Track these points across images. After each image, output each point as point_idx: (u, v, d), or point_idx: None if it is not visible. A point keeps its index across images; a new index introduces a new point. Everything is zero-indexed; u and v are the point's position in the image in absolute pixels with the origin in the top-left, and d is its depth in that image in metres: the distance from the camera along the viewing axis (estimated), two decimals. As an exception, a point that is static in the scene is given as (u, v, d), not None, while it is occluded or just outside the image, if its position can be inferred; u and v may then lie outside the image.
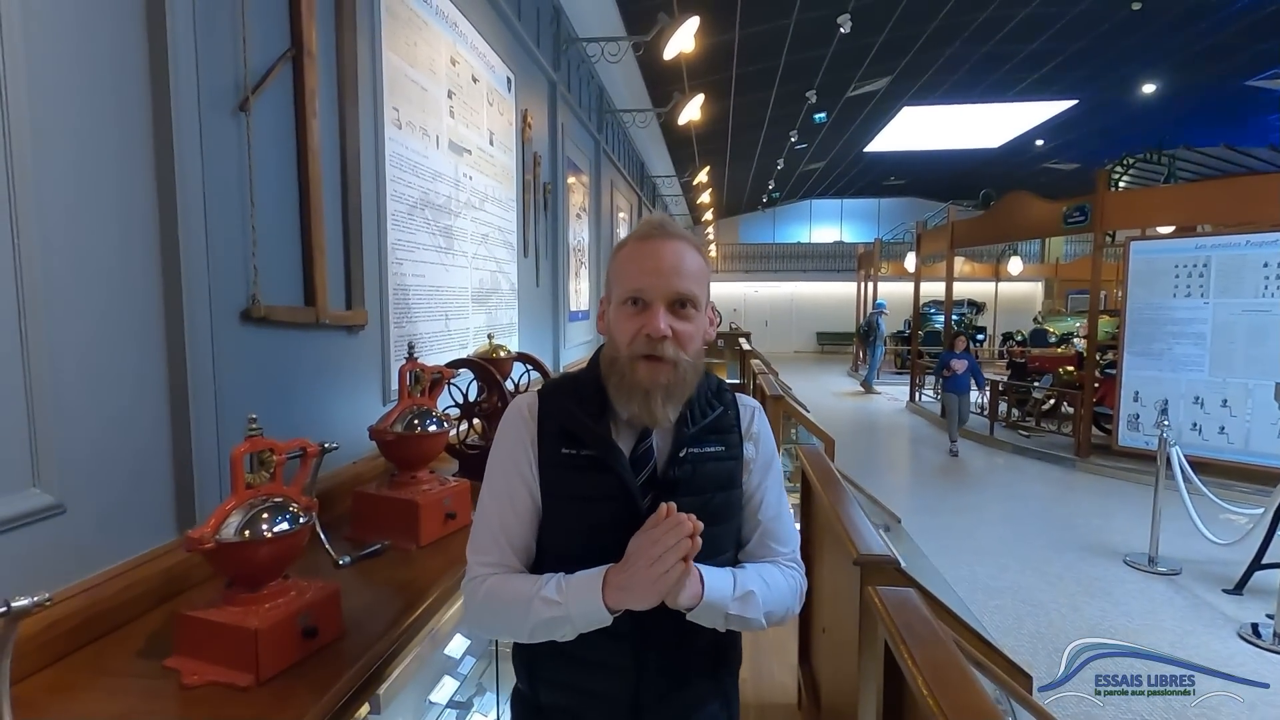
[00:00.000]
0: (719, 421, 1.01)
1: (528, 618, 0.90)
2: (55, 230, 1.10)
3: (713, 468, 0.99)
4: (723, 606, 0.91)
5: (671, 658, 0.99)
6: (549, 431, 0.98)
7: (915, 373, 11.81)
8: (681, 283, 0.94)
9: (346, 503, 1.70)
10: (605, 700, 0.99)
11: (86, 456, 1.16)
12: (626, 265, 0.96)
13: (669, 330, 0.93)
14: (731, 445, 1.02)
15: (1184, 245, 6.66)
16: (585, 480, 0.95)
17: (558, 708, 1.03)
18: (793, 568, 1.05)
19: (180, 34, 1.31)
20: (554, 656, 0.97)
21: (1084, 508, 5.91)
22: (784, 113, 11.34)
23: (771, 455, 1.07)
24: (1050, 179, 18.33)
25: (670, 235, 0.97)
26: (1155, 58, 10.62)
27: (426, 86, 2.53)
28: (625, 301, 0.95)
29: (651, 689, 0.98)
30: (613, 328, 0.98)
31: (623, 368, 0.95)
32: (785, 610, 1.01)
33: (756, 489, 1.04)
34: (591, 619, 0.88)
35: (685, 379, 0.95)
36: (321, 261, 1.82)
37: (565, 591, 0.89)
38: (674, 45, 4.70)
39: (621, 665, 0.97)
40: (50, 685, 1.00)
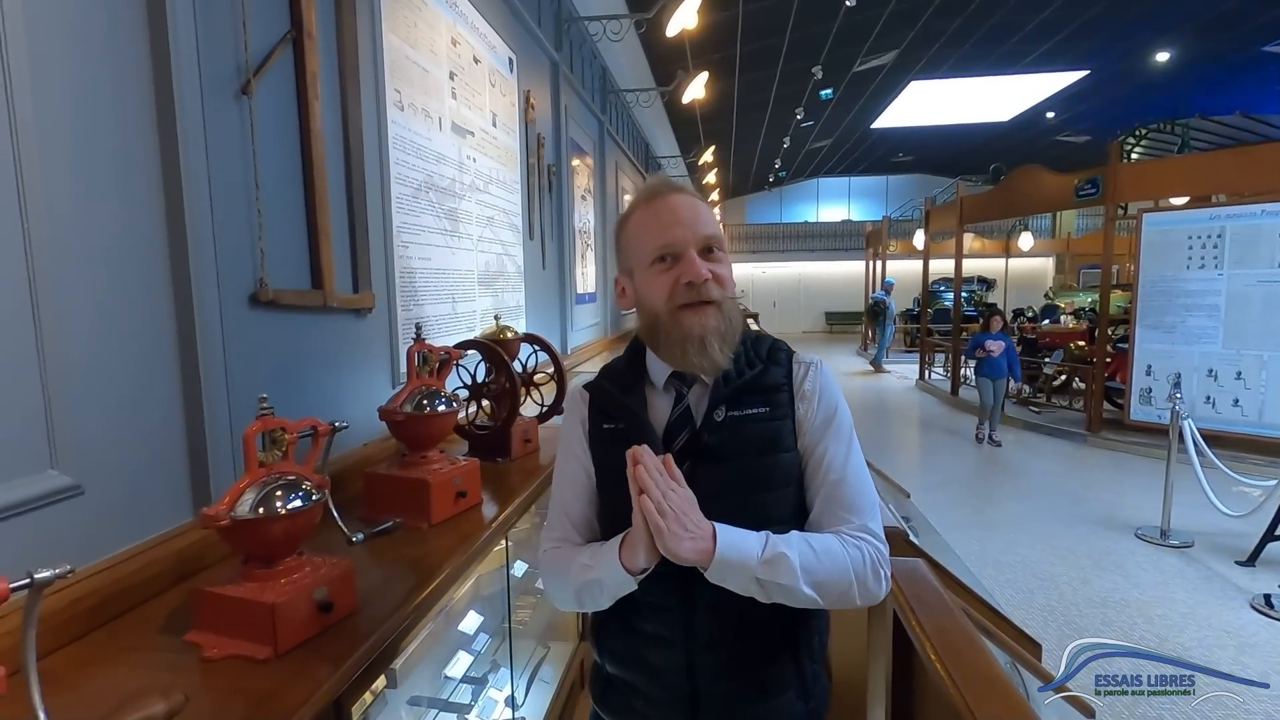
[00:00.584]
0: (761, 379, 0.96)
1: (570, 583, 0.94)
2: (63, 218, 1.11)
3: (754, 429, 0.94)
4: (747, 568, 0.83)
5: (728, 632, 0.94)
6: (596, 409, 1.02)
7: (924, 351, 11.75)
8: (704, 228, 0.94)
9: (358, 484, 1.72)
10: (662, 674, 0.97)
11: (102, 439, 1.17)
12: (645, 228, 0.96)
13: (708, 273, 0.92)
14: (779, 405, 0.95)
15: (1198, 216, 6.56)
16: (622, 451, 0.92)
17: (623, 679, 1.04)
18: (862, 537, 0.91)
19: (180, 17, 1.31)
20: (615, 628, 1.00)
21: (1095, 482, 5.89)
22: (790, 90, 11.20)
23: (833, 412, 0.97)
24: (1062, 151, 18.06)
25: (676, 189, 0.97)
26: (1168, 25, 10.39)
27: (427, 68, 2.52)
28: (654, 261, 0.94)
29: (708, 666, 0.95)
30: (644, 291, 0.96)
31: (667, 325, 0.93)
32: (847, 584, 0.87)
33: (815, 449, 0.95)
34: (617, 580, 0.89)
35: (732, 319, 0.94)
36: (327, 245, 1.83)
37: (595, 556, 0.92)
38: (676, 22, 4.65)
39: (673, 638, 0.95)
40: (75, 659, 1.03)
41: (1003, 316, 7.60)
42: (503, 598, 2.06)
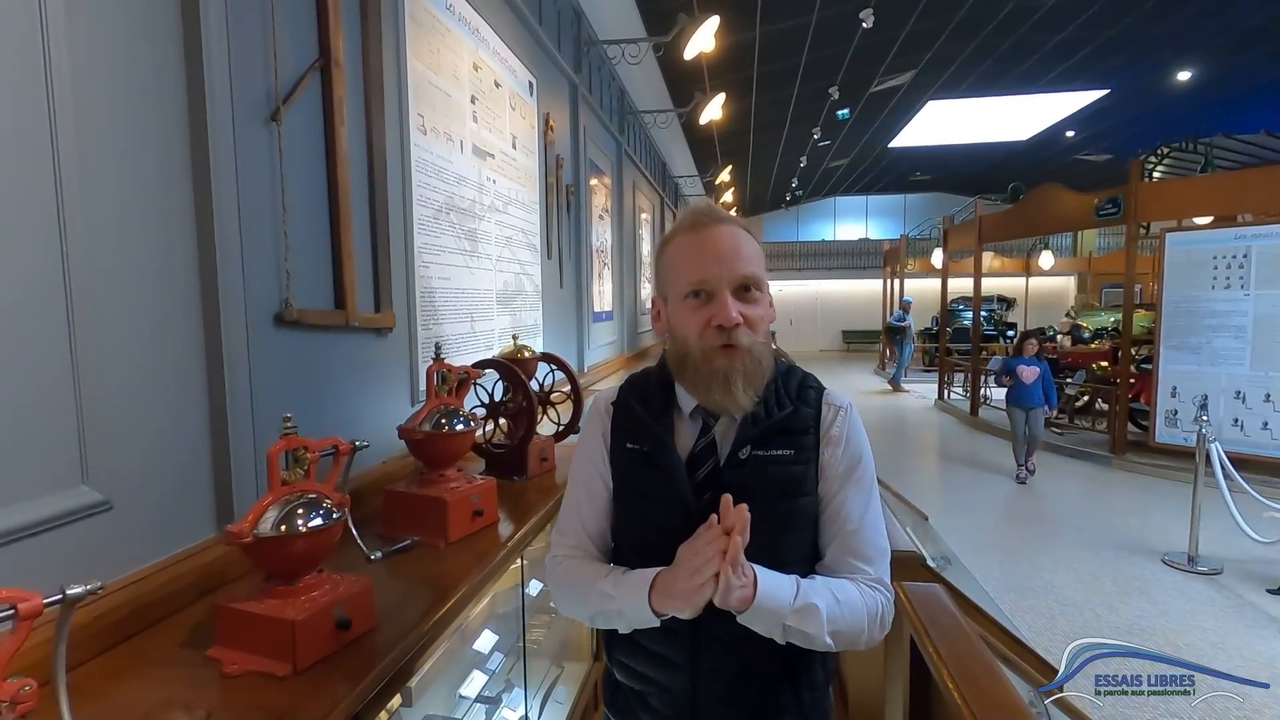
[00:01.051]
0: (790, 421, 0.95)
1: (588, 604, 0.95)
2: (100, 240, 1.15)
3: (778, 471, 0.93)
4: (779, 615, 0.85)
5: (733, 661, 0.95)
6: (620, 426, 1.01)
7: (943, 370, 11.63)
8: (743, 266, 0.92)
9: (377, 501, 1.74)
10: (667, 692, 1.00)
11: (132, 456, 1.21)
12: (681, 259, 0.94)
13: (740, 317, 0.90)
14: (804, 448, 0.95)
15: (1223, 236, 6.47)
16: (644, 476, 0.95)
17: (631, 690, 1.06)
18: (876, 589, 0.93)
19: (214, 49, 1.36)
20: (626, 641, 1.01)
21: (1120, 506, 5.77)
22: (806, 110, 11.26)
23: (857, 461, 0.97)
24: (1082, 170, 17.92)
25: (720, 220, 0.95)
26: (1190, 44, 10.33)
27: (450, 92, 2.58)
28: (688, 295, 0.93)
29: (709, 690, 0.96)
30: (677, 324, 0.95)
31: (696, 362, 0.92)
32: (859, 632, 0.90)
33: (835, 496, 0.95)
34: (641, 617, 0.90)
35: (762, 362, 0.94)
36: (351, 265, 1.87)
37: (620, 587, 0.91)
38: (694, 45, 4.71)
39: (679, 662, 0.97)
40: (101, 672, 1.05)
41: (1039, 339, 6.49)
42: (517, 617, 2.06)
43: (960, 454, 7.99)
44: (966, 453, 8.00)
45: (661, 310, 1.00)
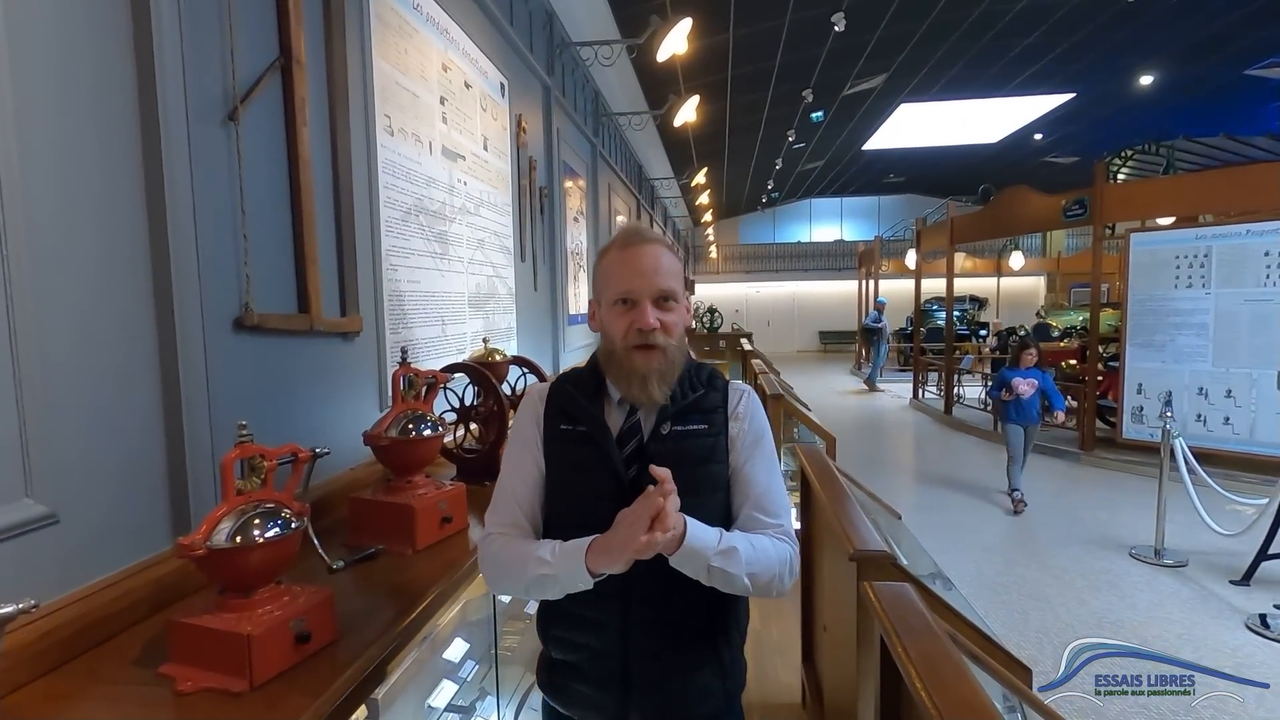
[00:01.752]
0: (702, 401, 1.11)
1: (524, 575, 1.02)
2: (44, 242, 1.10)
3: (693, 444, 1.08)
4: (704, 556, 0.97)
5: (659, 619, 1.07)
6: (553, 411, 1.13)
7: (918, 370, 11.78)
8: (662, 281, 1.08)
9: (343, 509, 1.70)
10: (600, 656, 1.09)
11: (79, 466, 1.16)
12: (613, 271, 1.10)
13: (657, 323, 1.06)
14: (715, 424, 1.10)
15: (1184, 236, 6.64)
16: (580, 452, 1.08)
17: (565, 663, 1.14)
18: (783, 540, 1.07)
19: (167, 45, 1.32)
20: (561, 615, 1.10)
21: (1089, 501, 5.88)
22: (781, 112, 11.34)
23: (760, 435, 1.13)
24: (1050, 173, 18.29)
25: (648, 240, 1.10)
26: (1152, 49, 10.59)
27: (418, 93, 2.54)
28: (616, 302, 1.08)
29: (640, 648, 1.07)
30: (606, 325, 1.11)
31: (620, 358, 1.08)
32: (772, 576, 1.03)
33: (744, 465, 1.10)
34: (575, 579, 0.98)
35: (674, 362, 1.09)
36: (314, 269, 1.83)
37: (556, 555, 1.00)
38: (667, 47, 4.72)
39: (611, 623, 1.07)
40: (44, 694, 1.00)
41: (1038, 348, 5.85)
42: (489, 624, 2.03)
43: (934, 452, 8.09)
44: (940, 451, 8.10)
45: (596, 311, 1.15)
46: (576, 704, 1.14)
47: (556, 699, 1.17)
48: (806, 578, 2.58)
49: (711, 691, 1.11)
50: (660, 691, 1.08)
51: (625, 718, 1.09)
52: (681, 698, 1.09)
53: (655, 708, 1.09)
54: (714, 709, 1.13)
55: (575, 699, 1.14)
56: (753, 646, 3.11)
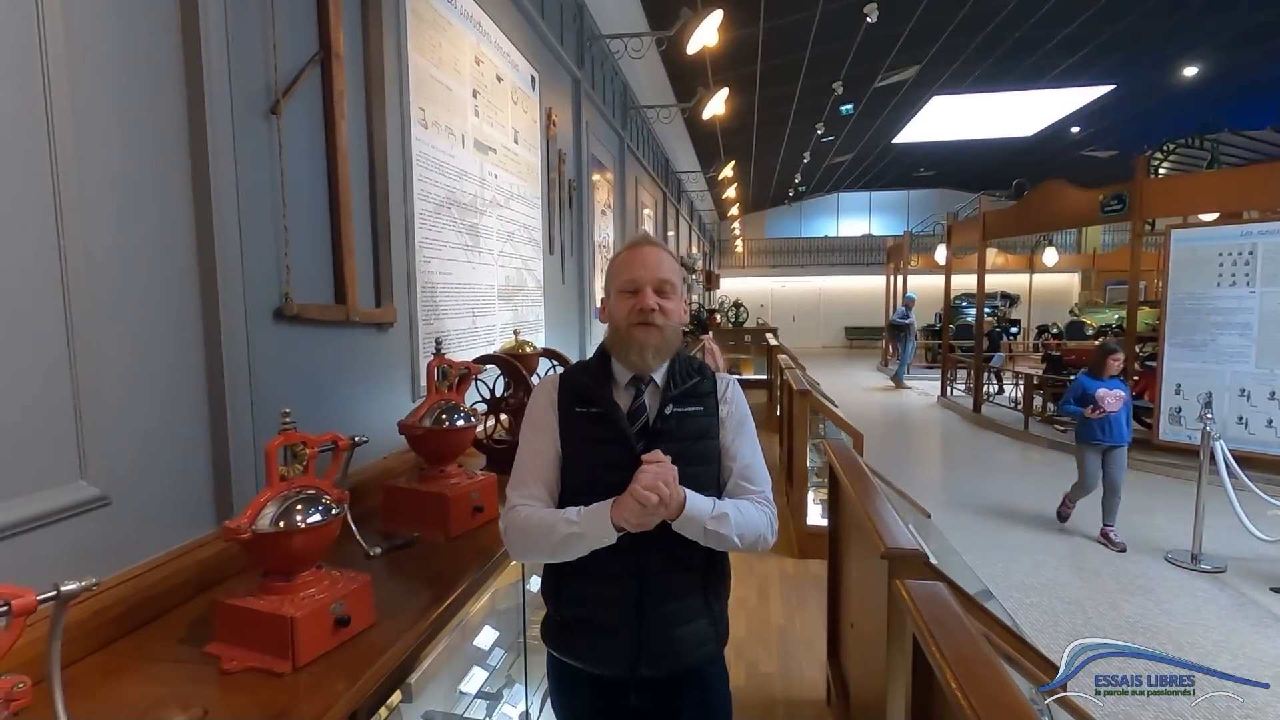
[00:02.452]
0: (696, 388, 1.31)
1: (552, 537, 1.16)
2: (98, 236, 1.14)
3: (692, 422, 1.27)
4: (701, 520, 1.16)
5: (667, 569, 1.24)
6: (566, 397, 1.29)
7: (946, 367, 11.61)
8: (662, 273, 1.28)
9: (377, 496, 1.73)
10: (616, 605, 1.24)
11: (130, 451, 1.20)
12: (621, 267, 1.30)
13: (656, 305, 1.25)
14: (709, 407, 1.31)
15: (1229, 232, 6.43)
16: (595, 429, 1.25)
17: (578, 619, 1.27)
18: (764, 504, 1.28)
19: (213, 41, 1.35)
20: (576, 575, 1.24)
21: (1123, 504, 5.74)
22: (810, 105, 11.20)
23: (744, 417, 1.34)
24: (1087, 166, 17.82)
25: (652, 244, 1.32)
26: (1196, 39, 10.25)
27: (451, 86, 2.56)
28: (623, 291, 1.28)
29: (651, 593, 1.23)
30: (614, 311, 1.30)
31: (624, 334, 1.26)
32: (757, 536, 1.24)
33: (731, 441, 1.31)
34: (601, 535, 1.15)
35: (669, 340, 1.27)
36: (351, 260, 1.86)
37: (582, 516, 1.16)
38: (697, 40, 4.68)
39: (627, 573, 1.22)
40: (98, 669, 1.04)
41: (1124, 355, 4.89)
42: (518, 612, 2.05)
43: (963, 451, 7.97)
44: (969, 450, 7.98)
45: (605, 304, 1.34)
46: (590, 656, 1.28)
47: (568, 653, 1.30)
48: (833, 574, 2.57)
49: (707, 638, 1.29)
50: (668, 636, 1.24)
51: (637, 662, 1.23)
52: (684, 642, 1.25)
53: (662, 652, 1.24)
54: (708, 654, 1.30)
55: (589, 651, 1.27)
56: (778, 641, 3.12)
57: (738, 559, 1.36)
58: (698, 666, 1.29)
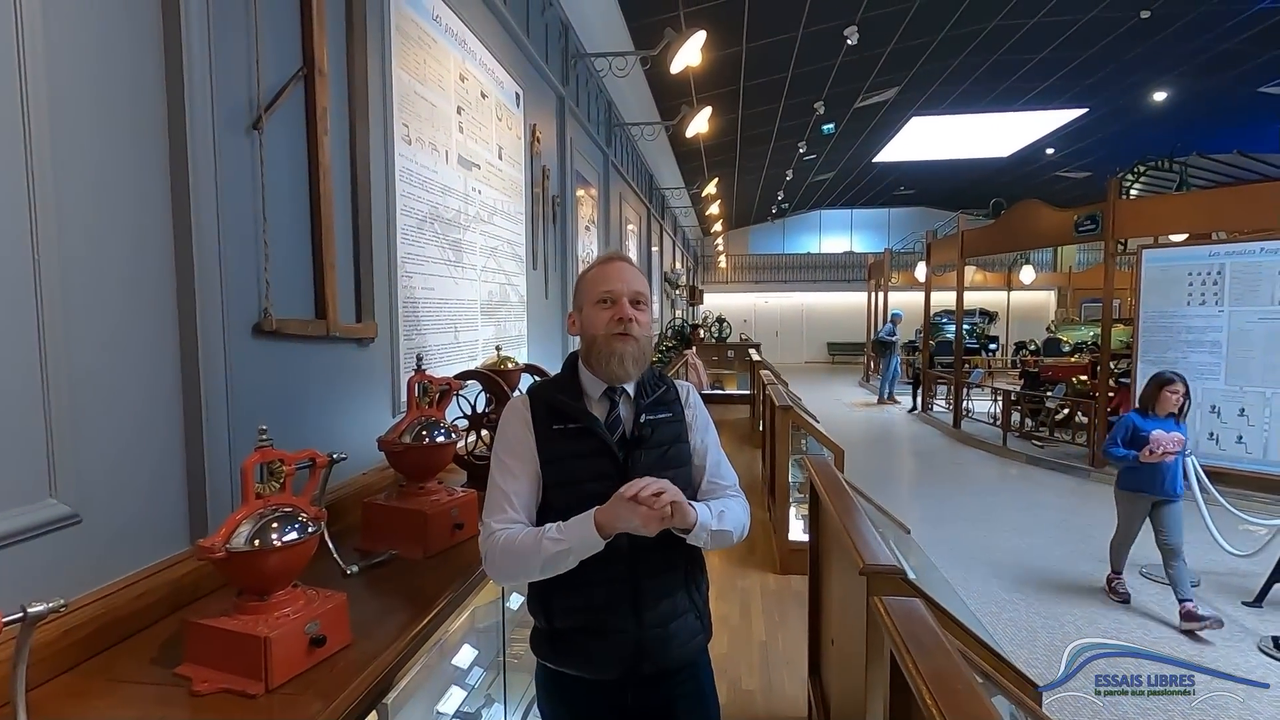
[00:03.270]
0: (663, 396, 1.37)
1: (538, 555, 1.17)
2: (73, 248, 1.13)
3: (666, 428, 1.34)
4: (707, 526, 1.24)
5: (656, 569, 1.29)
6: (540, 415, 1.30)
7: (926, 383, 11.74)
8: (636, 285, 1.33)
9: (356, 513, 1.72)
10: (614, 610, 1.26)
11: (102, 468, 1.18)
12: (596, 279, 1.33)
13: (632, 315, 1.29)
14: (676, 413, 1.37)
15: (1198, 253, 6.60)
16: (577, 444, 1.27)
17: (572, 629, 1.28)
18: (738, 495, 1.38)
19: (196, 56, 1.35)
20: (567, 585, 1.24)
21: (1099, 518, 5.81)
22: (792, 124, 11.37)
23: (706, 419, 1.43)
24: (1061, 187, 18.23)
25: (623, 259, 1.38)
26: (1165, 65, 10.57)
27: (436, 103, 2.58)
28: (598, 302, 1.31)
29: (646, 594, 1.27)
30: (587, 323, 1.32)
31: (601, 344, 1.29)
32: (741, 527, 1.34)
33: (700, 444, 1.39)
34: (588, 545, 1.16)
35: (644, 350, 1.31)
36: (332, 275, 1.85)
37: (565, 530, 1.18)
38: (681, 59, 4.75)
39: (621, 577, 1.26)
40: (65, 691, 1.02)
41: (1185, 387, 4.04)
42: (498, 630, 2.04)
43: (942, 466, 8.04)
44: (949, 465, 8.05)
45: (577, 318, 1.36)
46: (589, 663, 1.29)
47: (565, 662, 1.31)
48: (814, 590, 2.57)
49: (697, 630, 1.35)
50: (664, 633, 1.28)
51: (638, 661, 1.27)
52: (679, 636, 1.30)
53: (661, 649, 1.28)
54: (698, 647, 1.37)
55: (587, 658, 1.28)
56: (759, 658, 3.11)
57: (720, 575, 1.37)
58: (691, 659, 1.36)
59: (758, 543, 4.51)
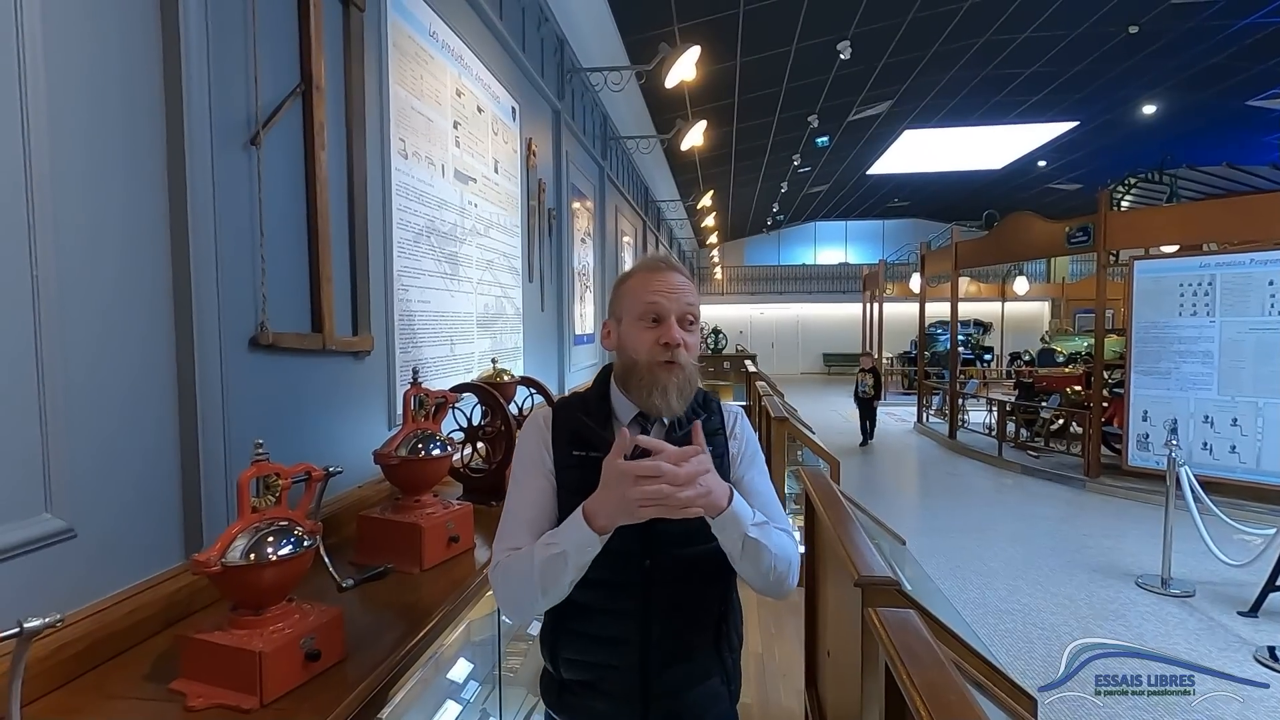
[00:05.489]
0: (705, 425, 1.13)
1: (534, 569, 1.02)
2: (71, 262, 1.14)
3: None
4: (743, 525, 1.03)
5: (675, 631, 1.13)
6: (561, 438, 1.15)
7: (922, 393, 11.77)
8: (688, 298, 1.14)
9: (351, 526, 1.71)
10: (618, 671, 1.13)
11: (97, 481, 1.18)
12: (641, 291, 1.14)
13: (682, 339, 1.12)
14: (717, 445, 1.17)
15: (1188, 264, 6.66)
16: (596, 475, 1.04)
17: (578, 682, 1.17)
18: (791, 534, 1.15)
19: (194, 72, 1.36)
20: (573, 637, 1.15)
21: (1094, 529, 5.84)
22: (787, 137, 11.46)
23: (755, 451, 1.23)
24: (1054, 199, 18.39)
25: (675, 269, 1.17)
26: (1155, 79, 10.71)
27: (432, 117, 2.60)
28: (642, 318, 1.13)
29: (657, 658, 1.12)
30: (628, 341, 1.15)
31: (642, 371, 1.12)
32: (788, 564, 1.10)
33: (743, 478, 1.19)
34: (582, 543, 1.00)
35: (690, 379, 1.14)
36: (329, 289, 1.86)
37: (557, 534, 1.03)
38: (675, 74, 4.79)
39: (630, 639, 1.12)
40: (57, 708, 1.02)
41: None
42: (493, 644, 2.03)
43: (938, 477, 8.05)
44: (944, 475, 8.06)
45: (613, 330, 1.19)
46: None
47: (568, 716, 1.20)
48: (810, 602, 2.57)
49: (720, 696, 1.19)
50: (677, 700, 1.14)
51: None
52: (696, 706, 1.16)
53: (671, 716, 1.14)
54: (721, 712, 1.20)
55: (591, 716, 1.18)
56: (756, 670, 3.10)
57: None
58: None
59: (754, 554, 4.49)
